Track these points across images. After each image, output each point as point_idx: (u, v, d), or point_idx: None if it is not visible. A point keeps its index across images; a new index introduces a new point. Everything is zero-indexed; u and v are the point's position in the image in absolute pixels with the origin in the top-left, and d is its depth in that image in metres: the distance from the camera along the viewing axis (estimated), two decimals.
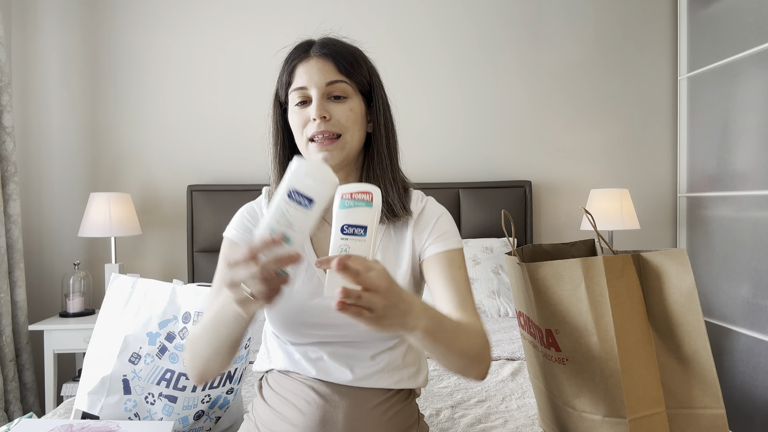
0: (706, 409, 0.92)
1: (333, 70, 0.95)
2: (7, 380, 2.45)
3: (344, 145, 0.95)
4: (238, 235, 1.01)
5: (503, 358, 1.83)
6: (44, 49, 2.80)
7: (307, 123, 0.95)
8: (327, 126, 0.93)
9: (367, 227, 0.67)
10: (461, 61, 2.90)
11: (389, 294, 0.65)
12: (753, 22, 2.34)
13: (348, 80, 0.96)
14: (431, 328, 0.74)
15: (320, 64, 0.95)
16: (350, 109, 0.95)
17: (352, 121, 0.95)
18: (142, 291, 1.24)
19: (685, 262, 0.92)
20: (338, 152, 0.94)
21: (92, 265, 2.82)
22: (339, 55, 0.96)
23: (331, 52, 0.96)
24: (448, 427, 1.31)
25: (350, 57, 0.97)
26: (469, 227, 2.75)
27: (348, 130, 0.95)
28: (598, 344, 0.94)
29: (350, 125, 0.95)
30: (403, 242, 1.00)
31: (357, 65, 0.97)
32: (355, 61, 0.97)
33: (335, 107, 0.94)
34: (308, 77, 0.95)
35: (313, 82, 0.94)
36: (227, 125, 2.85)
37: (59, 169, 2.81)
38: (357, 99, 0.97)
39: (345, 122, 0.94)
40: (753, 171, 2.36)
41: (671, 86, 2.93)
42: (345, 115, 0.94)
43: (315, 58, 0.96)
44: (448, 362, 0.82)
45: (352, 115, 0.95)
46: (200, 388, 1.20)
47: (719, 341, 2.55)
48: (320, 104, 0.93)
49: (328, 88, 0.94)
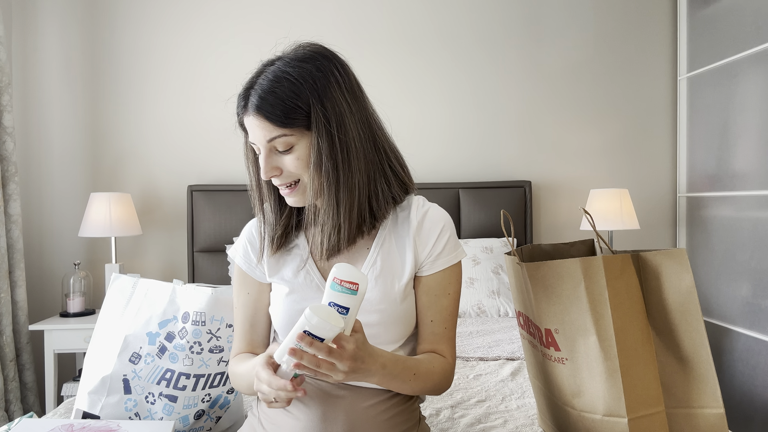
0: (706, 409, 0.93)
1: (268, 126, 0.91)
2: (7, 380, 2.45)
3: (304, 188, 0.96)
4: (241, 261, 1.07)
5: (503, 358, 1.84)
6: (44, 49, 2.80)
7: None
8: (282, 179, 0.96)
9: (349, 309, 0.82)
10: (461, 61, 2.90)
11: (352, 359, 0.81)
12: (752, 22, 2.34)
13: (287, 131, 0.91)
14: (384, 381, 0.91)
15: (257, 121, 0.92)
16: (297, 159, 0.93)
17: (302, 167, 0.94)
18: (143, 291, 1.25)
19: (685, 261, 0.92)
20: (300, 195, 0.97)
21: (92, 265, 2.82)
22: (269, 108, 0.90)
23: (261, 105, 0.91)
24: (448, 427, 1.31)
25: (281, 105, 0.90)
26: (468, 227, 2.76)
27: (302, 175, 0.95)
28: (598, 344, 0.94)
29: (302, 171, 0.94)
30: (405, 250, 1.01)
31: (292, 110, 0.91)
32: (288, 108, 0.90)
33: (284, 159, 0.94)
34: (252, 134, 0.94)
35: (256, 139, 0.94)
36: (227, 125, 2.85)
37: (59, 169, 2.82)
38: (304, 142, 0.93)
39: (295, 171, 0.94)
40: (752, 171, 2.36)
41: (671, 86, 2.93)
42: (293, 165, 0.94)
43: (251, 115, 0.93)
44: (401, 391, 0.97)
45: (301, 163, 0.94)
46: (200, 388, 1.20)
47: (719, 341, 2.55)
48: (267, 164, 0.94)
49: (270, 144, 0.93)
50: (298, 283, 1.00)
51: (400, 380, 0.93)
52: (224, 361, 1.21)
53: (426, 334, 1.02)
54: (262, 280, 1.05)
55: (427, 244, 1.01)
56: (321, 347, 0.78)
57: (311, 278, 1.00)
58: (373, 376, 0.88)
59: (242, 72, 1.09)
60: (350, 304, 0.82)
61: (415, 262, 1.01)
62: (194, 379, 1.19)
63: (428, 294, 1.02)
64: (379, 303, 0.97)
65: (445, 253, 1.01)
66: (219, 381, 1.23)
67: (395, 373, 0.91)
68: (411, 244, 1.01)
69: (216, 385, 1.22)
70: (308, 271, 1.01)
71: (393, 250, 1.01)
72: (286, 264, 1.03)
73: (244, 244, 1.07)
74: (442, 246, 1.01)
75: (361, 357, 0.83)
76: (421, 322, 1.03)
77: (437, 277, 1.01)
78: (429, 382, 0.98)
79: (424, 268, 1.01)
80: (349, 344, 0.81)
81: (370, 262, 1.00)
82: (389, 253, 1.01)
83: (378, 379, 0.89)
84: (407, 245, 1.01)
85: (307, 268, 1.01)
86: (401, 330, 1.00)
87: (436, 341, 1.02)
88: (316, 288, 1.00)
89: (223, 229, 2.68)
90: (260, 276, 1.05)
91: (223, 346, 1.20)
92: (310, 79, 0.92)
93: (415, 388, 0.96)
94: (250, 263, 1.06)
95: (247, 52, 2.83)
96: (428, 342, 1.02)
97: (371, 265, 1.00)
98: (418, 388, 0.97)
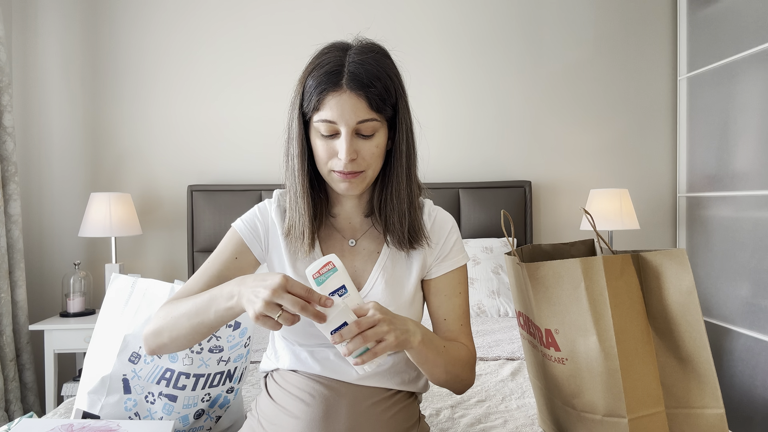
0: (706, 409, 0.93)
1: (364, 107, 0.90)
2: (7, 380, 2.45)
3: (365, 178, 0.96)
4: (244, 231, 1.03)
5: (503, 358, 1.84)
6: (44, 49, 2.80)
7: (333, 157, 0.94)
8: (354, 166, 0.93)
9: (344, 285, 0.84)
10: (461, 61, 2.90)
11: (388, 320, 0.82)
12: (752, 22, 2.34)
13: (378, 116, 0.92)
14: (426, 338, 0.90)
15: (353, 100, 0.90)
16: (376, 146, 0.94)
17: (376, 156, 0.95)
18: (142, 290, 1.25)
19: (685, 261, 0.92)
20: (359, 184, 0.96)
21: (92, 265, 2.82)
22: (372, 91, 0.90)
23: (365, 85, 0.90)
24: (448, 427, 1.31)
25: (382, 89, 0.92)
26: (469, 227, 2.75)
27: (371, 166, 0.95)
28: (598, 344, 0.94)
29: (374, 161, 0.95)
30: (414, 255, 1.03)
31: (388, 96, 0.93)
32: (386, 93, 0.92)
33: (363, 145, 0.93)
34: (339, 113, 0.90)
35: (343, 119, 0.90)
36: (228, 125, 2.86)
37: (59, 169, 2.82)
38: (383, 131, 0.95)
39: (370, 159, 0.94)
40: (752, 171, 2.36)
41: (671, 86, 2.93)
42: (371, 153, 0.93)
43: (348, 93, 0.90)
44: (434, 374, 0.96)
45: (377, 152, 0.95)
46: (200, 387, 1.20)
47: (719, 341, 2.55)
48: (350, 146, 0.91)
49: (357, 126, 0.91)
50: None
51: (434, 349, 0.92)
52: (224, 360, 1.21)
53: (442, 333, 1.04)
54: (257, 255, 1.04)
55: (435, 248, 1.03)
56: (351, 330, 0.80)
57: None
58: (415, 334, 0.87)
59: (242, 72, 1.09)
60: (340, 282, 0.84)
61: (423, 266, 1.03)
62: (194, 379, 1.19)
63: (438, 295, 1.04)
64: (387, 307, 0.97)
65: (452, 255, 1.04)
66: (219, 380, 1.23)
67: (430, 336, 0.92)
68: (421, 249, 1.02)
69: (216, 385, 1.22)
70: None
71: (403, 255, 1.03)
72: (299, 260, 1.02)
73: (254, 216, 1.05)
74: (449, 248, 1.04)
75: (386, 311, 0.84)
76: (436, 323, 1.05)
77: (446, 279, 1.03)
78: (458, 364, 0.98)
79: (433, 271, 1.03)
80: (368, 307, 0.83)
81: (380, 267, 1.01)
82: (399, 258, 1.03)
83: (420, 338, 0.89)
84: (417, 249, 1.02)
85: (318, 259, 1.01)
86: None
87: (453, 338, 1.03)
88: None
89: (223, 229, 2.68)
90: (258, 252, 1.03)
91: (222, 345, 1.20)
92: (396, 75, 0.96)
93: (448, 367, 0.96)
94: (255, 235, 1.03)
95: (248, 52, 2.83)
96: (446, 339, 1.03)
97: (381, 269, 1.01)
98: (450, 367, 0.96)
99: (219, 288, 0.88)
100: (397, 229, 0.99)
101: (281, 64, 2.83)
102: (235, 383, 1.26)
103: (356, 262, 1.02)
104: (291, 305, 0.76)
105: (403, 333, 0.84)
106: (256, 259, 1.04)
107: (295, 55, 2.37)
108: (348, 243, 1.04)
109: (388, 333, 0.81)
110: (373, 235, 1.05)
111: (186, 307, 0.91)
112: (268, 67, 2.84)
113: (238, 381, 1.27)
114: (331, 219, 1.06)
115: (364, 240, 1.04)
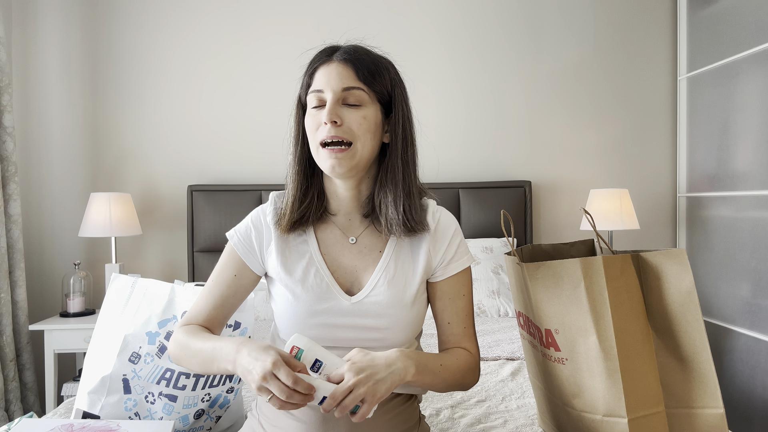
0: (706, 409, 0.93)
1: (352, 76, 0.94)
2: (7, 380, 2.45)
3: (354, 154, 0.94)
4: (239, 246, 1.04)
5: (503, 358, 1.84)
6: (44, 49, 2.80)
7: (320, 126, 0.95)
8: (338, 132, 0.93)
9: (317, 358, 0.84)
10: (461, 61, 2.90)
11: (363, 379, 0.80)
12: (752, 22, 2.34)
13: (366, 88, 0.95)
14: (420, 366, 0.90)
15: (340, 68, 0.94)
16: (363, 117, 0.94)
17: (364, 129, 0.94)
18: (142, 290, 1.25)
19: (685, 261, 0.92)
20: (348, 160, 0.94)
21: (92, 265, 2.82)
22: (360, 62, 0.95)
23: (353, 58, 0.95)
24: (448, 427, 1.31)
25: (372, 65, 0.96)
26: (469, 227, 2.76)
27: (359, 138, 0.94)
28: (598, 344, 0.94)
29: (362, 134, 0.94)
30: (419, 255, 1.02)
31: (378, 74, 0.96)
32: (377, 71, 0.96)
33: (348, 113, 0.94)
34: (326, 81, 0.94)
35: (329, 86, 0.94)
36: (227, 125, 2.86)
37: (59, 169, 2.82)
38: (373, 108, 0.96)
39: (356, 130, 0.94)
40: (752, 171, 2.36)
41: (671, 86, 2.93)
42: (357, 123, 0.93)
43: (336, 62, 0.95)
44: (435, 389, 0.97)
45: (365, 124, 0.94)
46: (200, 387, 1.20)
47: (719, 341, 2.55)
48: (333, 108, 0.93)
49: (343, 94, 0.94)
50: (308, 284, 0.98)
51: (431, 373, 0.92)
52: None
53: (446, 336, 1.04)
54: (255, 269, 1.03)
55: (440, 250, 1.02)
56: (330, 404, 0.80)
57: (321, 276, 0.99)
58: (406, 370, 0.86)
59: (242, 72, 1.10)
60: (312, 357, 0.84)
61: (427, 267, 1.02)
62: (194, 379, 1.19)
63: (442, 299, 1.03)
64: (389, 307, 0.97)
65: (456, 258, 1.03)
66: (219, 380, 1.23)
67: (424, 362, 0.91)
68: (425, 249, 1.02)
69: (216, 385, 1.22)
70: (318, 266, 1.00)
71: (407, 254, 1.02)
72: (294, 261, 1.01)
73: (248, 227, 1.04)
74: (453, 251, 1.03)
75: (365, 365, 0.83)
76: (440, 326, 1.05)
77: (450, 282, 1.03)
78: (457, 374, 0.98)
79: (437, 273, 1.03)
80: (342, 371, 0.82)
81: (382, 266, 1.00)
82: (402, 257, 1.02)
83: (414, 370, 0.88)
84: (422, 250, 1.02)
85: (316, 260, 1.00)
86: (408, 334, 1.00)
87: (457, 341, 1.03)
88: (326, 288, 0.98)
89: (223, 229, 2.68)
90: (255, 266, 1.03)
91: None
92: (390, 65, 1.01)
93: (448, 381, 0.96)
94: (249, 249, 1.03)
95: (247, 53, 2.83)
96: (450, 343, 1.04)
97: (384, 269, 1.00)
98: (450, 381, 0.97)
99: (220, 345, 0.90)
100: (392, 211, 0.98)
101: (282, 65, 2.83)
102: (235, 383, 1.26)
103: (357, 261, 1.02)
104: (278, 393, 0.78)
105: (389, 379, 0.83)
106: (255, 273, 1.04)
107: (295, 55, 2.37)
108: (348, 240, 1.03)
109: (366, 393, 0.80)
110: (373, 233, 1.04)
111: (194, 350, 0.95)
112: (269, 67, 2.84)
113: (238, 381, 1.27)
114: (331, 217, 1.05)
115: (364, 238, 1.04)
